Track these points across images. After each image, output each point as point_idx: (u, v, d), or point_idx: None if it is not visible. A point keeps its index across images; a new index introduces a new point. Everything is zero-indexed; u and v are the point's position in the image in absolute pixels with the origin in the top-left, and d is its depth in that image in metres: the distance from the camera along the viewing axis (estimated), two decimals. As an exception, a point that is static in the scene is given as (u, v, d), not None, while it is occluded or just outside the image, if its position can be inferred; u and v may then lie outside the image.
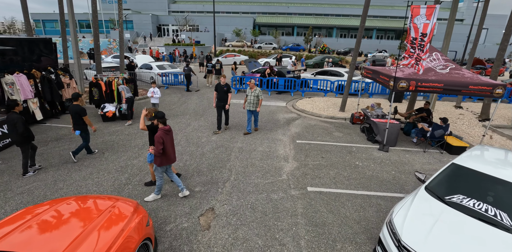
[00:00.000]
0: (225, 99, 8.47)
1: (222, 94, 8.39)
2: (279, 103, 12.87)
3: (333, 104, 12.71)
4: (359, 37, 10.62)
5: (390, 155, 7.51)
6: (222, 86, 8.36)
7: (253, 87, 8.30)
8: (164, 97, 13.47)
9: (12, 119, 5.33)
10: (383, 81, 7.79)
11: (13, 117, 5.32)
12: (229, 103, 8.53)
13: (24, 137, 5.43)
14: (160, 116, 4.73)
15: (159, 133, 4.59)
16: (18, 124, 5.30)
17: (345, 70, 15.54)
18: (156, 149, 4.57)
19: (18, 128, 5.31)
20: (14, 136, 5.45)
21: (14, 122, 5.30)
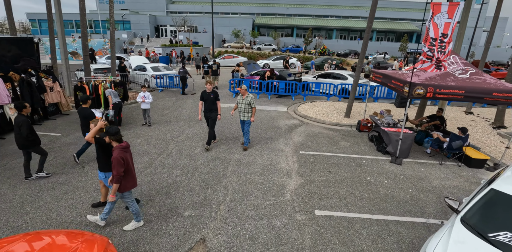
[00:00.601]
0: (214, 109, 7.27)
1: (210, 104, 7.19)
2: (280, 108, 12.13)
3: (337, 109, 11.98)
4: (366, 38, 9.91)
5: (403, 169, 6.77)
6: (209, 94, 7.13)
7: (244, 93, 7.17)
8: (158, 101, 12.70)
9: (17, 122, 5.18)
10: (396, 86, 7.06)
11: (19, 120, 5.17)
12: (220, 113, 7.43)
13: (29, 140, 5.29)
14: (113, 132, 3.88)
15: (116, 154, 3.77)
16: (22, 127, 5.13)
17: (349, 73, 14.83)
18: (116, 174, 3.75)
19: (22, 131, 5.15)
20: (19, 138, 5.26)
21: (19, 125, 5.15)
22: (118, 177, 3.77)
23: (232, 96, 14.10)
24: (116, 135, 3.90)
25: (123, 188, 3.93)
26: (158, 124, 9.37)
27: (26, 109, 5.35)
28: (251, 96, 7.13)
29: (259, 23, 54.86)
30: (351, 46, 49.34)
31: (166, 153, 7.09)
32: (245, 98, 7.15)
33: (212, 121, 7.34)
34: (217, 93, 7.32)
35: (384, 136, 7.78)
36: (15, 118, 5.20)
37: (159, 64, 16.39)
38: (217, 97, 7.31)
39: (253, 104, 7.16)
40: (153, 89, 15.14)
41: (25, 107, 5.32)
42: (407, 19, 60.57)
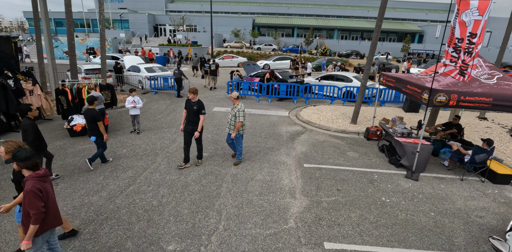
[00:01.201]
0: (195, 122, 6.01)
1: (191, 116, 5.98)
2: (281, 113, 11.34)
3: (342, 114, 11.19)
4: (375, 38, 9.14)
5: (421, 186, 5.98)
6: (192, 104, 5.92)
7: (234, 102, 6.19)
8: (151, 105, 11.91)
9: (23, 126, 4.85)
10: (413, 92, 6.27)
11: (25, 124, 4.84)
12: (199, 130, 5.98)
13: (34, 146, 4.88)
14: (22, 157, 2.84)
15: (30, 186, 2.76)
16: (28, 131, 4.80)
17: (354, 75, 14.04)
18: (35, 211, 2.76)
19: (28, 135, 4.81)
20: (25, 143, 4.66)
21: (25, 129, 4.83)
22: (38, 215, 2.78)
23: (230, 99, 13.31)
24: (26, 161, 2.85)
25: (40, 230, 2.91)
26: (148, 132, 8.58)
27: (32, 113, 4.99)
28: (239, 107, 6.03)
29: (260, 22, 54.08)
30: (352, 47, 48.56)
31: (154, 166, 6.30)
32: (234, 107, 6.12)
33: (188, 136, 6.10)
34: (202, 105, 5.97)
35: (397, 147, 7.00)
36: (22, 122, 4.90)
37: (153, 65, 15.61)
38: (201, 110, 5.92)
39: (239, 117, 6.00)
40: (147, 91, 14.35)
41: (30, 110, 4.96)
42: (409, 19, 59.79)
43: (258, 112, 11.27)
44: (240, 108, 6.02)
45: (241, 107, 6.04)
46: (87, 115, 5.82)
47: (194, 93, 5.97)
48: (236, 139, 6.33)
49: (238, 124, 6.01)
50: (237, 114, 6.01)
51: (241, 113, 6.02)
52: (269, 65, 25.96)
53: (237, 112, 6.00)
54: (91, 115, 5.76)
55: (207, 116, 10.38)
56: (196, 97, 6.01)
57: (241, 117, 6.02)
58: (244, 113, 6.10)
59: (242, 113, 6.03)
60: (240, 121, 6.00)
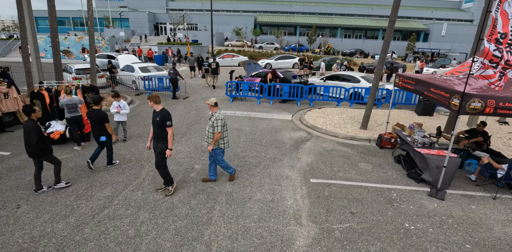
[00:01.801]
0: (160, 138, 4.77)
1: (155, 129, 4.81)
2: (284, 116, 10.45)
3: (350, 118, 10.29)
4: (389, 34, 8.22)
5: (449, 207, 5.09)
6: (155, 114, 4.76)
7: (212, 110, 5.10)
8: (143, 107, 11.06)
9: (26, 128, 4.64)
10: (438, 97, 5.37)
11: (28, 126, 4.65)
12: (170, 148, 4.78)
13: (38, 149, 4.72)
14: None
15: None
16: (32, 134, 4.60)
17: (361, 75, 13.12)
18: None
19: (31, 138, 4.61)
20: (27, 146, 4.72)
21: (28, 132, 4.61)
22: None
23: (230, 101, 12.44)
24: None
25: None
26: (135, 139, 7.73)
27: (36, 114, 4.81)
28: (217, 115, 4.99)
29: (261, 21, 53.13)
30: (356, 45, 47.50)
31: (136, 183, 5.44)
32: (212, 116, 5.07)
33: (157, 155, 4.84)
34: (167, 115, 4.64)
35: (416, 158, 6.11)
36: (24, 123, 4.67)
37: (148, 64, 14.75)
38: (165, 122, 4.61)
39: (217, 127, 4.94)
40: (140, 92, 13.50)
41: (33, 111, 4.76)
42: (414, 18, 58.57)
43: (259, 115, 10.40)
44: (219, 116, 4.97)
45: (220, 116, 5.00)
46: (92, 116, 5.52)
47: (156, 102, 4.66)
48: (215, 155, 5.20)
49: (217, 135, 4.94)
50: (215, 124, 4.95)
51: (220, 123, 4.95)
52: (271, 64, 25.06)
53: (215, 121, 4.94)
54: (97, 117, 5.50)
55: (202, 121, 9.52)
56: (160, 106, 4.72)
57: (220, 127, 4.94)
58: (224, 123, 5.03)
59: (221, 122, 4.96)
60: (219, 132, 4.95)
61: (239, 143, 7.67)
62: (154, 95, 4.72)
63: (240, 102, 12.37)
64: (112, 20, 52.28)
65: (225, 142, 5.22)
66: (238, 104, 12.01)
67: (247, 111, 10.86)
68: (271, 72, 12.70)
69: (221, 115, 5.05)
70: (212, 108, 5.08)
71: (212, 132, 5.04)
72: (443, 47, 49.17)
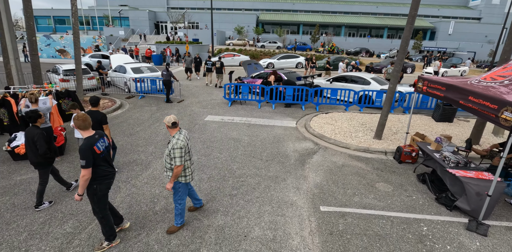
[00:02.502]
0: None
1: None
2: (287, 123, 9.43)
3: (361, 124, 9.24)
4: (408, 31, 7.18)
5: (494, 246, 4.05)
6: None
7: (170, 131, 3.76)
8: (133, 112, 10.08)
9: (32, 135, 4.28)
10: (481, 108, 4.32)
11: (33, 133, 4.30)
12: (80, 193, 3.34)
13: (45, 158, 4.38)
14: None
15: None
16: (39, 142, 4.27)
17: (371, 77, 12.05)
18: None
19: (39, 146, 4.27)
20: (33, 156, 4.35)
21: (34, 140, 4.27)
22: None
23: (228, 105, 11.41)
24: None
25: None
26: (117, 152, 6.74)
27: (41, 120, 4.49)
28: (175, 141, 3.59)
29: (264, 19, 52.04)
30: (361, 44, 46.29)
31: (107, 213, 4.45)
32: (170, 140, 3.69)
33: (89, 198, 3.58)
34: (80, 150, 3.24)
35: (446, 179, 5.07)
36: (28, 130, 4.32)
37: (141, 65, 13.75)
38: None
39: (175, 160, 3.59)
40: (132, 95, 12.51)
41: (40, 117, 4.43)
42: (420, 16, 57.11)
43: (260, 122, 9.37)
44: (177, 144, 3.55)
45: (179, 143, 3.56)
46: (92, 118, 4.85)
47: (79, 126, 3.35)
48: (175, 190, 3.88)
49: (176, 170, 3.61)
50: (172, 154, 3.57)
51: (178, 153, 3.55)
52: (273, 64, 24.00)
53: (172, 151, 3.55)
54: (96, 119, 5.09)
55: (196, 129, 8.52)
56: (86, 132, 3.42)
57: (179, 159, 3.57)
58: (184, 152, 3.61)
59: (179, 152, 3.55)
60: (179, 166, 3.61)
61: (236, 156, 6.65)
62: (79, 116, 3.33)
63: (239, 106, 11.35)
64: (112, 19, 51.49)
65: (187, 175, 3.84)
66: (237, 108, 11.00)
67: (247, 117, 9.84)
68: (273, 74, 11.66)
69: (181, 141, 3.61)
70: (170, 129, 3.69)
71: (170, 162, 3.71)
72: (450, 46, 47.84)
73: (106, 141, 3.63)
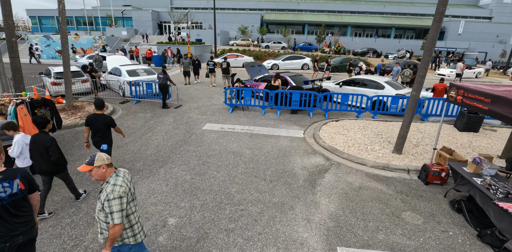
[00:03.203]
0: None
1: None
2: (294, 132, 8.50)
3: (376, 135, 8.27)
4: (435, 29, 6.21)
5: None
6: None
7: (103, 173, 2.55)
8: (125, 120, 9.23)
9: (43, 142, 3.99)
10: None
11: (45, 139, 4.01)
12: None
13: (59, 164, 4.20)
14: None
15: None
16: (52, 148, 4.04)
17: (385, 80, 11.06)
18: None
19: (52, 153, 4.04)
20: (43, 163, 4.07)
21: (47, 146, 4.00)
22: None
23: (229, 111, 10.51)
24: None
25: None
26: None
27: (50, 125, 4.28)
28: (110, 189, 2.46)
29: (268, 19, 51.15)
30: (367, 44, 45.11)
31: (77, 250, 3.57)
32: (104, 189, 2.54)
33: None
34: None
35: (490, 211, 4.11)
36: (36, 137, 4.06)
37: (138, 67, 12.92)
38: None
39: (111, 216, 2.43)
40: (127, 99, 11.68)
41: (48, 122, 4.20)
42: (429, 15, 55.75)
43: (263, 131, 8.46)
44: (113, 191, 2.44)
45: (117, 191, 2.46)
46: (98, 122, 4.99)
47: None
48: None
49: (113, 231, 2.45)
50: (107, 208, 2.43)
51: (116, 205, 2.43)
52: (278, 65, 23.05)
53: (106, 203, 2.43)
54: (104, 122, 5.02)
55: (192, 140, 7.62)
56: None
57: (117, 214, 2.43)
58: (125, 202, 2.50)
59: (117, 203, 2.43)
60: (117, 225, 2.45)
61: (236, 176, 5.75)
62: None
63: (241, 112, 10.45)
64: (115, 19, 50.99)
65: (136, 233, 2.70)
66: (238, 115, 10.09)
67: (249, 126, 8.94)
68: (275, 77, 10.70)
69: (120, 186, 2.49)
70: (102, 171, 2.53)
71: (105, 220, 2.52)
72: (460, 46, 46.44)
73: (15, 186, 2.53)
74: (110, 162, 2.60)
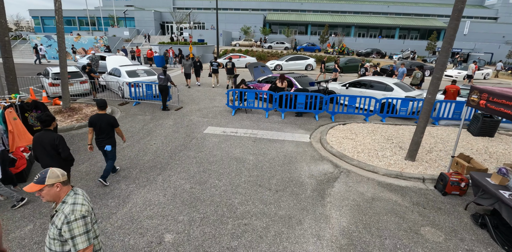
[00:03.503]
0: None
1: None
2: (299, 136, 8.10)
3: (387, 139, 7.85)
4: (453, 30, 5.81)
5: None
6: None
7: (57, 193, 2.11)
8: (123, 123, 8.85)
9: (51, 139, 3.89)
10: None
11: (52, 136, 3.91)
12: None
13: (68, 161, 4.13)
14: None
15: None
16: (61, 145, 3.95)
17: (394, 82, 10.63)
18: None
19: (62, 150, 3.95)
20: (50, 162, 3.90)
21: (55, 143, 3.89)
22: None
23: (231, 113, 10.14)
24: None
25: None
26: (91, 179, 5.50)
27: (55, 123, 4.12)
28: (68, 210, 2.04)
29: (271, 19, 50.75)
30: (371, 45, 44.62)
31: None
32: (55, 213, 2.13)
33: None
34: None
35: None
36: (41, 135, 3.90)
37: (138, 68, 12.56)
38: None
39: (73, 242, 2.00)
40: (126, 101, 11.32)
41: (53, 120, 4.04)
42: (433, 15, 55.16)
43: (267, 135, 8.07)
44: (74, 211, 2.05)
45: (77, 208, 2.08)
46: (101, 121, 4.91)
47: None
48: None
49: None
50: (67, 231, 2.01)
51: (80, 227, 2.03)
52: (281, 66, 22.66)
53: (67, 226, 2.00)
54: (107, 122, 4.95)
55: (193, 145, 7.24)
56: None
57: (83, 237, 2.03)
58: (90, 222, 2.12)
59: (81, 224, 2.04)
60: (86, 249, 2.05)
61: (239, 185, 5.36)
62: None
63: (244, 115, 10.06)
64: (117, 19, 50.83)
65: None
66: (241, 118, 9.71)
67: (252, 129, 8.55)
68: (281, 78, 10.30)
69: (82, 206, 2.12)
70: (56, 190, 2.11)
71: (62, 250, 2.10)
72: (465, 47, 45.81)
73: None
74: (65, 179, 2.17)
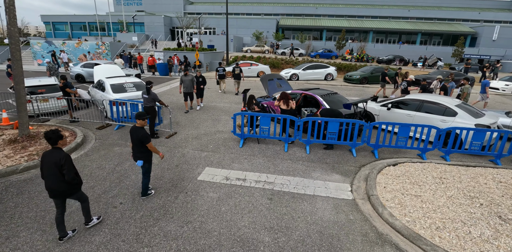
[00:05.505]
0: None
1: None
2: (335, 188, 5.52)
3: (470, 198, 5.18)
4: None
5: None
6: None
7: None
8: (92, 158, 6.48)
9: (56, 159, 3.56)
10: None
11: (58, 156, 3.59)
12: None
13: (74, 184, 3.75)
14: None
15: None
16: (66, 166, 3.57)
17: (456, 103, 7.95)
18: None
19: (67, 171, 3.58)
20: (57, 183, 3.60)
21: (60, 164, 3.56)
22: None
23: (239, 145, 7.64)
24: None
25: None
26: None
27: (63, 141, 3.78)
28: None
29: (284, 24, 48.55)
30: (391, 51, 41.63)
31: None
32: None
33: None
34: None
35: None
36: (48, 154, 3.61)
37: (126, 80, 10.25)
38: None
39: None
40: (107, 124, 9.00)
41: (61, 138, 3.72)
42: (458, 19, 51.79)
43: (289, 186, 5.52)
44: None
45: None
46: (133, 135, 4.60)
47: None
48: None
49: None
50: None
51: None
52: (297, 75, 20.12)
53: None
54: (137, 137, 4.54)
55: (178, 206, 4.76)
56: None
57: None
58: None
59: None
60: None
61: None
62: None
63: (256, 147, 7.56)
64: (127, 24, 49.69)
65: None
66: (252, 152, 7.21)
67: (267, 173, 6.03)
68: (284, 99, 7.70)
69: None
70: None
71: None
72: (494, 53, 42.25)
73: None
74: None
